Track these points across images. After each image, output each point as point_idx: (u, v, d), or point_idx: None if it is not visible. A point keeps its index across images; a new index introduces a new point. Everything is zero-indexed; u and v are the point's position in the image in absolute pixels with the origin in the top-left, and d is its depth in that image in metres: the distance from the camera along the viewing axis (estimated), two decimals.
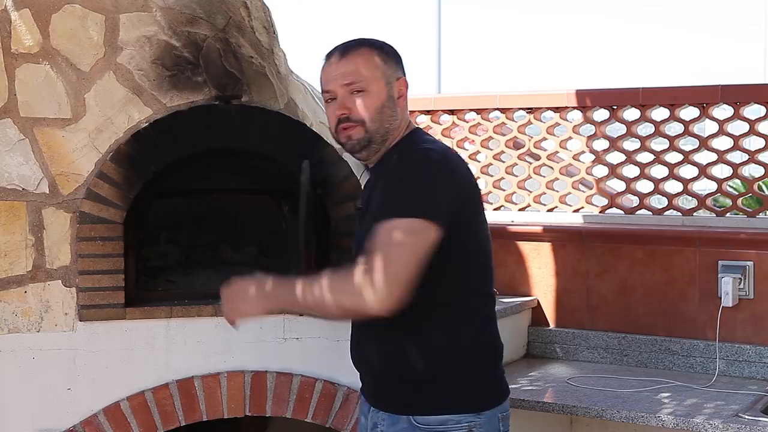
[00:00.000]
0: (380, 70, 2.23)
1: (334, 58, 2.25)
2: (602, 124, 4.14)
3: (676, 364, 3.70)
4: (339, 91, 2.22)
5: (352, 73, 2.21)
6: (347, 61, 2.22)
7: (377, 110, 2.21)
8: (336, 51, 2.26)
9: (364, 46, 2.26)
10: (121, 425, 2.96)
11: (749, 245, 3.64)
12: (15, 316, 2.91)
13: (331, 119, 2.27)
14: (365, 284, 1.98)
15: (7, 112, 2.93)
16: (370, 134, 2.22)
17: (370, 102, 2.21)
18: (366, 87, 2.21)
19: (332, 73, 2.24)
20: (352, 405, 3.13)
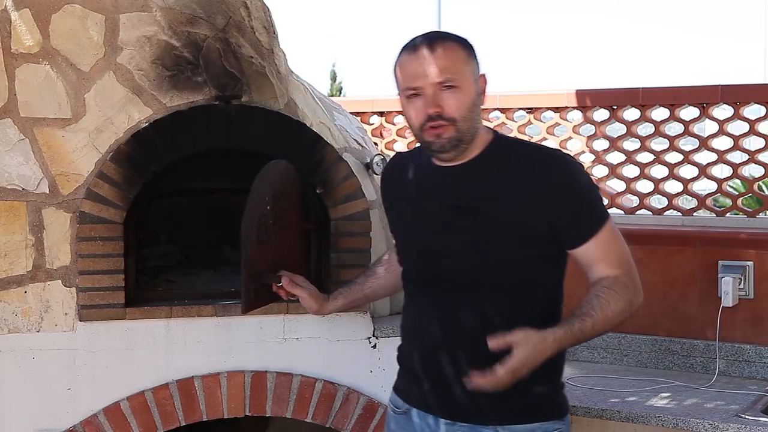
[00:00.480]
0: (469, 66, 2.12)
1: (422, 52, 2.09)
2: (602, 124, 4.15)
3: (676, 364, 3.70)
4: (428, 88, 2.09)
5: (446, 69, 2.08)
6: (439, 56, 2.09)
7: (469, 108, 2.10)
8: (422, 44, 2.11)
9: (451, 40, 2.12)
10: (121, 425, 2.96)
11: (749, 245, 3.64)
12: (15, 316, 2.91)
13: (417, 117, 2.12)
14: (635, 289, 2.14)
15: (7, 112, 2.93)
16: (461, 134, 2.11)
17: (463, 99, 2.09)
18: (459, 83, 2.09)
19: (420, 67, 2.09)
20: (352, 405, 3.13)
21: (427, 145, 2.16)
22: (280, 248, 2.75)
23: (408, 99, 2.13)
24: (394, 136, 4.65)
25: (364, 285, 2.63)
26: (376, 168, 3.43)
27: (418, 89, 2.10)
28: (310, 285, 2.65)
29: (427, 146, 2.16)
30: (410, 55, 2.12)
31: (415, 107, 2.12)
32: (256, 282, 2.67)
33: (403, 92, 2.15)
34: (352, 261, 3.15)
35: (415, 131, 2.17)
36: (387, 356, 3.19)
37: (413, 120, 2.14)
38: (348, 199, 3.17)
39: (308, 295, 2.60)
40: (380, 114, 4.65)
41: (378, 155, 3.47)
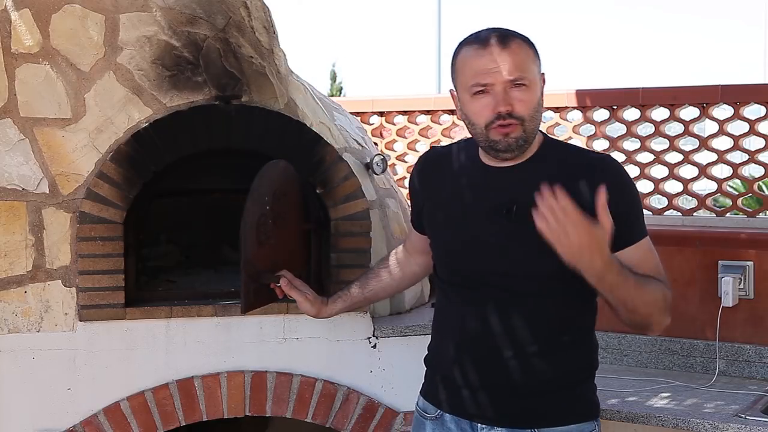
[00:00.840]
0: (536, 65, 2.08)
1: (493, 48, 2.03)
2: (602, 124, 4.15)
3: (676, 364, 3.70)
4: (499, 85, 2.03)
5: (519, 67, 2.03)
6: (511, 53, 2.03)
7: (536, 108, 2.07)
8: (492, 40, 2.04)
9: (518, 38, 2.06)
10: (121, 425, 2.96)
11: (749, 245, 3.64)
12: (15, 316, 2.91)
13: (484, 114, 2.05)
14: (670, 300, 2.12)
15: (7, 112, 2.93)
16: (527, 134, 2.07)
17: (531, 98, 2.05)
18: (529, 82, 2.05)
19: (492, 63, 2.02)
20: (352, 405, 3.13)
21: (492, 144, 2.09)
22: (279, 248, 2.75)
23: (473, 96, 2.07)
24: (394, 136, 4.65)
25: (365, 288, 2.60)
26: (376, 168, 3.43)
27: (487, 86, 2.04)
28: (309, 288, 2.63)
29: (491, 145, 2.09)
30: (479, 50, 2.05)
31: (482, 104, 2.05)
32: (255, 282, 2.67)
33: (467, 88, 2.08)
34: (352, 261, 3.15)
35: (477, 129, 2.10)
36: (387, 356, 3.20)
37: (478, 117, 2.07)
38: (348, 199, 3.17)
39: (304, 299, 2.58)
40: (380, 114, 4.65)
41: (378, 155, 3.47)
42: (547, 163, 2.13)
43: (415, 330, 3.22)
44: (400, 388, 3.16)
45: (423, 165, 2.36)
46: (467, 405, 2.17)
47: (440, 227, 2.25)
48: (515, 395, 2.12)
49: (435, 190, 2.27)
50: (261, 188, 2.70)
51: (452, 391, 2.20)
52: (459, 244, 2.19)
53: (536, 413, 2.13)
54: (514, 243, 2.09)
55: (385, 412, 3.16)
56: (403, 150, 4.61)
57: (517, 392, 2.13)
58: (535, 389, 2.12)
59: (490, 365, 2.14)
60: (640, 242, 2.11)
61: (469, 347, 2.16)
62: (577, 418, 2.16)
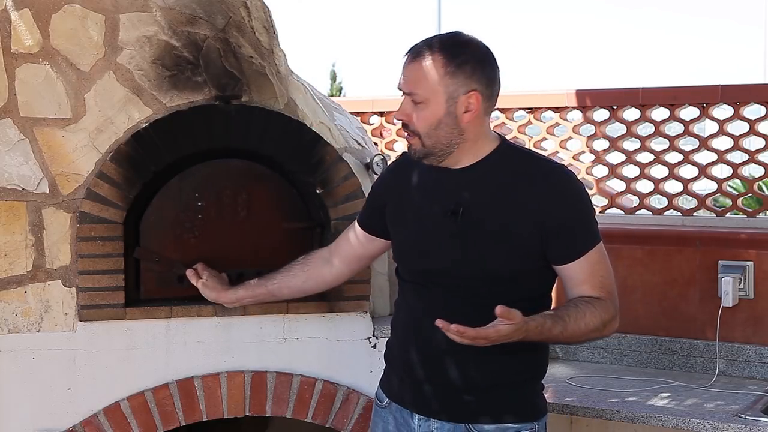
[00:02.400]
0: (442, 85, 2.11)
1: (405, 60, 2.16)
2: (602, 124, 4.15)
3: (676, 364, 3.70)
4: (403, 96, 2.16)
5: (413, 83, 2.13)
6: (412, 68, 2.13)
7: (433, 126, 2.13)
8: (409, 52, 2.16)
9: (434, 53, 2.12)
10: (121, 425, 2.96)
11: (749, 245, 3.64)
12: (15, 316, 2.91)
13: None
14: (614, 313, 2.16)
15: (7, 112, 2.93)
16: (427, 147, 2.15)
17: (426, 116, 2.12)
18: (424, 100, 2.11)
19: (401, 74, 2.17)
20: (352, 405, 3.13)
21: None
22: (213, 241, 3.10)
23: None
24: (394, 136, 4.65)
25: (269, 280, 2.66)
26: (376, 168, 3.43)
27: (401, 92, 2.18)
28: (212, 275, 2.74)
29: None
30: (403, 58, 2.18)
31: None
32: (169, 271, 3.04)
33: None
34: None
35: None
36: None
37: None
38: (348, 199, 3.17)
39: (202, 285, 2.70)
40: (380, 114, 4.65)
41: (378, 155, 3.47)
42: (498, 168, 2.17)
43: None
44: None
45: (394, 168, 2.43)
46: (408, 396, 2.27)
47: (397, 226, 2.34)
48: (452, 390, 2.19)
49: (400, 192, 2.34)
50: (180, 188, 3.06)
51: (398, 382, 2.30)
52: (409, 243, 2.28)
53: (471, 409, 2.19)
54: (453, 245, 2.15)
55: None
56: (403, 150, 4.60)
57: (453, 388, 2.19)
58: (472, 386, 2.18)
59: (430, 360, 2.21)
60: (587, 254, 2.15)
61: (414, 342, 2.25)
62: (513, 418, 2.20)
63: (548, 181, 2.14)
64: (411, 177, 2.32)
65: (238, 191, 3.18)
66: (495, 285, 2.15)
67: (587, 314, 2.09)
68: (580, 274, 2.14)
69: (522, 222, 2.12)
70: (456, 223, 2.15)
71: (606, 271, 2.18)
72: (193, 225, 3.13)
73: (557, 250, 2.14)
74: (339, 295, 3.15)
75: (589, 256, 2.15)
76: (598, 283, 2.15)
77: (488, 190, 2.15)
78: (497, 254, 2.13)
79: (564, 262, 2.15)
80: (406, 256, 2.32)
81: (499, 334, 1.96)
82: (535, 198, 2.11)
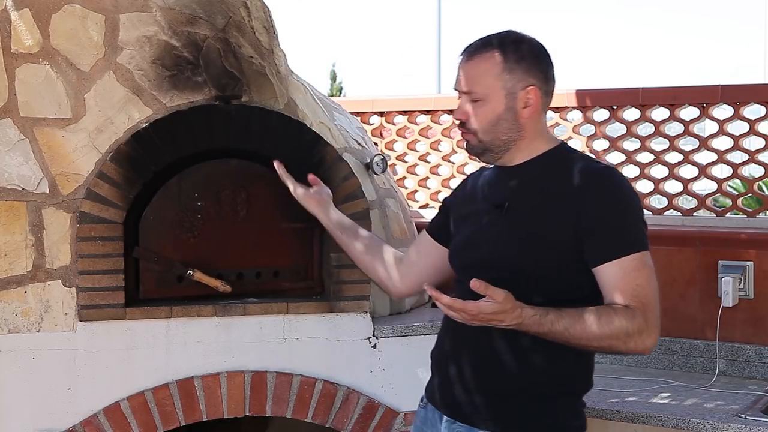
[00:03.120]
0: (501, 80, 2.11)
1: (461, 59, 2.16)
2: (602, 124, 4.15)
3: (676, 364, 3.70)
4: (460, 95, 2.16)
5: (471, 81, 2.13)
6: (470, 66, 2.13)
7: (491, 123, 2.13)
8: (464, 51, 2.16)
9: (492, 50, 2.12)
10: (121, 425, 2.96)
11: (749, 245, 3.64)
12: (15, 316, 2.91)
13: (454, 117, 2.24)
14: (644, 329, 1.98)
15: (7, 112, 2.93)
16: (484, 144, 2.16)
17: (485, 113, 2.13)
18: (482, 97, 2.12)
19: (457, 74, 2.17)
20: (352, 405, 3.13)
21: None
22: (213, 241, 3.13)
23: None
24: (394, 136, 4.65)
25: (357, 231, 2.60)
26: (376, 168, 3.43)
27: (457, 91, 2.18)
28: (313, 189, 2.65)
29: None
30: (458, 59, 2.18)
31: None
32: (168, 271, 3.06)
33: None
34: (352, 261, 3.15)
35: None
36: (387, 356, 3.20)
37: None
38: (348, 199, 3.17)
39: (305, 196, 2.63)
40: (380, 114, 4.65)
41: (378, 155, 3.47)
42: (546, 167, 2.16)
43: (415, 330, 3.22)
44: (400, 388, 3.16)
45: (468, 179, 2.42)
46: (441, 397, 2.22)
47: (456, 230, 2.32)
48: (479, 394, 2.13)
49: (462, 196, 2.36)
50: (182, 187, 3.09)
51: (436, 382, 2.26)
52: (461, 238, 2.27)
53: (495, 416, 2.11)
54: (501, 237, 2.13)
55: (385, 412, 3.16)
56: (403, 150, 4.61)
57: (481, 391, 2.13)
58: (502, 392, 2.11)
59: (455, 360, 2.17)
60: (622, 259, 2.02)
61: (448, 339, 2.22)
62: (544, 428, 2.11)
63: (591, 180, 2.09)
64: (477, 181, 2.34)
65: (238, 191, 3.19)
66: (533, 281, 2.08)
67: (602, 317, 1.96)
68: (612, 279, 2.02)
69: (561, 220, 2.08)
70: (501, 217, 2.15)
71: (644, 282, 2.02)
72: (192, 225, 3.13)
73: (590, 250, 2.04)
74: (339, 295, 3.15)
75: (624, 261, 2.02)
76: (631, 292, 2.00)
77: (534, 187, 2.14)
78: (535, 250, 2.08)
79: (596, 263, 2.04)
80: (456, 251, 2.29)
81: (479, 310, 1.88)
82: (576, 196, 2.07)
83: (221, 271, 3.15)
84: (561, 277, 2.08)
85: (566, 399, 2.15)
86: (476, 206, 2.25)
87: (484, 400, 2.11)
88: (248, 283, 3.21)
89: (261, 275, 3.24)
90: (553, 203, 2.09)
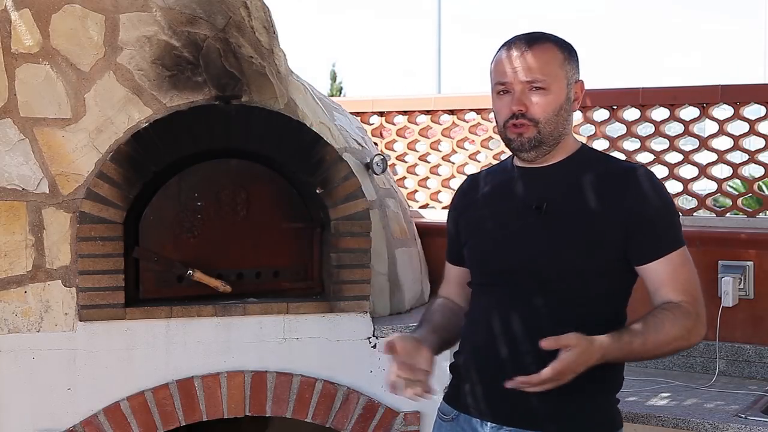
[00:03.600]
0: (563, 70, 2.12)
1: (517, 50, 2.11)
2: (602, 124, 4.14)
3: (676, 364, 3.70)
4: (517, 86, 2.09)
5: (537, 69, 2.08)
6: (533, 55, 2.09)
7: (554, 112, 2.10)
8: (520, 42, 2.12)
9: (549, 42, 2.13)
10: (121, 425, 2.96)
11: (749, 245, 3.64)
12: (15, 316, 2.91)
13: (503, 112, 2.12)
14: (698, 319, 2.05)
15: (7, 112, 2.93)
16: (542, 135, 2.11)
17: (549, 102, 2.10)
18: (548, 86, 2.09)
19: (513, 65, 2.10)
20: (352, 405, 3.13)
21: (507, 142, 2.16)
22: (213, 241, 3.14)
23: (497, 95, 2.14)
24: (394, 136, 4.65)
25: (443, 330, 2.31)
26: (376, 168, 3.43)
27: (506, 85, 2.11)
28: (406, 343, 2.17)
29: (507, 143, 2.16)
30: (505, 52, 2.12)
31: (503, 103, 2.12)
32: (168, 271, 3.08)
33: (493, 87, 2.15)
34: (352, 261, 3.15)
35: (499, 126, 2.16)
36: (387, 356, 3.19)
37: (499, 115, 2.15)
38: (348, 199, 3.17)
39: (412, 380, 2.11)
40: (380, 114, 4.64)
41: (378, 155, 3.47)
42: (580, 167, 2.16)
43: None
44: None
45: (465, 189, 2.36)
46: (478, 403, 2.16)
47: (474, 232, 2.25)
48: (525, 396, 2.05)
49: (469, 206, 2.29)
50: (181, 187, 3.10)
51: (466, 388, 2.18)
52: (491, 242, 2.19)
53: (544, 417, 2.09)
54: (537, 241, 2.11)
55: (385, 412, 3.16)
56: (403, 150, 4.61)
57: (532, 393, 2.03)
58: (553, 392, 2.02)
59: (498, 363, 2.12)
60: (669, 255, 2.08)
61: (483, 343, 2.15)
62: (588, 428, 2.12)
63: (631, 178, 2.12)
64: (483, 189, 2.27)
65: (238, 191, 3.19)
66: (574, 281, 2.09)
67: (666, 323, 2.01)
68: (662, 275, 2.08)
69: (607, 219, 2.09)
70: (540, 218, 2.11)
71: (691, 276, 2.09)
72: (192, 225, 3.13)
73: (639, 247, 2.08)
74: (339, 295, 3.16)
75: (671, 257, 2.08)
76: (681, 287, 2.07)
77: (573, 185, 2.13)
78: (578, 248, 2.08)
79: (645, 260, 2.09)
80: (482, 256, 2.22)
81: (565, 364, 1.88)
82: (618, 194, 2.09)
83: (221, 271, 3.16)
84: (603, 276, 2.10)
85: (611, 395, 2.18)
86: (504, 208, 2.19)
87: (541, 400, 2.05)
88: (248, 283, 3.21)
89: (261, 275, 3.24)
90: (596, 203, 2.09)
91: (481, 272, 2.24)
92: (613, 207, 2.08)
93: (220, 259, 3.17)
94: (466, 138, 4.45)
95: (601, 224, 2.08)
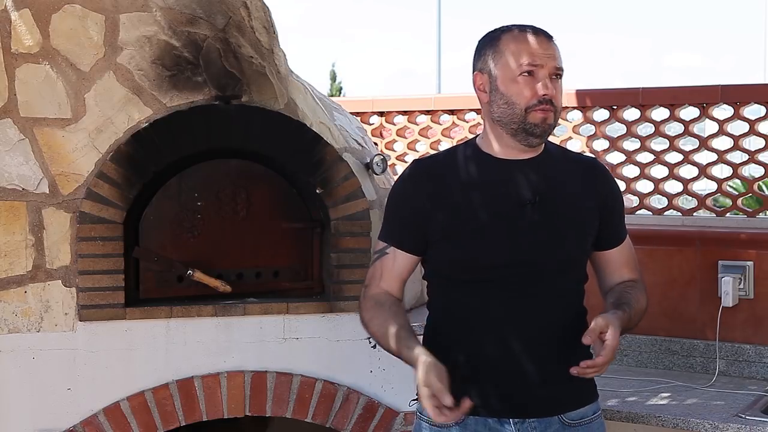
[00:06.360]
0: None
1: (543, 37, 2.13)
2: (602, 124, 4.15)
3: (676, 364, 3.70)
4: (546, 70, 2.10)
5: (560, 59, 2.16)
6: (553, 45, 2.15)
7: (560, 103, 2.21)
8: (541, 31, 2.16)
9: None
10: (121, 425, 2.96)
11: (749, 245, 3.64)
12: (15, 316, 2.91)
13: (527, 94, 2.09)
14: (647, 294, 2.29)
15: (7, 112, 2.93)
16: (555, 123, 2.22)
17: (561, 91, 2.20)
18: (562, 75, 2.18)
19: (543, 49, 2.11)
20: (352, 405, 3.13)
21: (528, 127, 2.12)
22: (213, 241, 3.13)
23: (520, 76, 2.09)
24: (394, 136, 4.65)
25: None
26: (376, 168, 3.43)
27: (537, 68, 2.09)
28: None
29: (528, 128, 2.12)
30: (531, 35, 2.12)
31: (529, 85, 2.09)
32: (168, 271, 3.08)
33: (515, 68, 2.09)
34: (352, 261, 3.15)
35: (516, 110, 2.11)
36: (387, 356, 3.16)
37: (520, 98, 2.10)
38: (348, 199, 3.17)
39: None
40: (380, 114, 4.65)
41: (378, 155, 3.47)
42: (554, 159, 2.25)
43: (414, 330, 3.21)
44: (400, 388, 3.16)
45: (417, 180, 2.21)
46: (493, 403, 2.12)
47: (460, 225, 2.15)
48: (542, 386, 2.12)
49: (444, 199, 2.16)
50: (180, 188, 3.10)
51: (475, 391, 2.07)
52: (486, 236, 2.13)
53: (562, 400, 2.18)
54: (542, 232, 2.14)
55: (385, 412, 3.16)
56: (403, 150, 4.61)
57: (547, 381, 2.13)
58: (559, 378, 2.11)
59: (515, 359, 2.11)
60: (627, 239, 2.32)
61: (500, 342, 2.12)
62: (591, 399, 2.26)
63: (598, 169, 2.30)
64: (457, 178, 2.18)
65: (238, 191, 3.19)
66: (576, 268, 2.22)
67: (640, 299, 2.22)
68: (622, 257, 2.29)
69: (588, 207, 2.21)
70: (535, 212, 2.13)
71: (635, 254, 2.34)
72: (192, 225, 3.13)
73: (611, 234, 2.28)
74: (339, 295, 3.15)
75: (627, 241, 2.32)
76: (634, 265, 2.31)
77: (555, 178, 2.20)
78: (572, 239, 2.18)
79: (614, 245, 2.28)
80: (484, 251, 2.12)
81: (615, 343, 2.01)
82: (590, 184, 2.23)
83: (221, 271, 3.15)
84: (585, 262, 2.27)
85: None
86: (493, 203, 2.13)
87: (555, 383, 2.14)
88: (248, 283, 3.21)
89: (261, 275, 3.24)
90: (580, 193, 2.21)
91: (473, 267, 2.14)
92: (590, 197, 2.22)
93: (220, 259, 3.17)
94: (466, 138, 4.44)
95: (586, 214, 2.21)
